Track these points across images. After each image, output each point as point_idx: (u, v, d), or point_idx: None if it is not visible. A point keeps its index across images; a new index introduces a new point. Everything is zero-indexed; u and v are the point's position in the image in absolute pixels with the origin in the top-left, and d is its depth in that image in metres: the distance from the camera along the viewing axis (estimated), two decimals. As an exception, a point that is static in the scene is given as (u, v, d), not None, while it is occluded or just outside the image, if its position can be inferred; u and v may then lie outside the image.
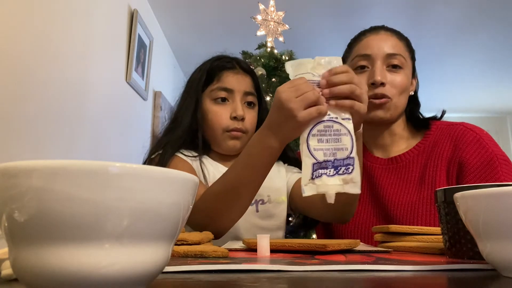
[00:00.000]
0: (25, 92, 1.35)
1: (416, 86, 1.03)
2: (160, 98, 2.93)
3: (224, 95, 0.96)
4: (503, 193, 0.33)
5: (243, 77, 0.98)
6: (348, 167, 0.62)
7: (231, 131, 0.95)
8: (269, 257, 0.52)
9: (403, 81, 0.94)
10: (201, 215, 0.74)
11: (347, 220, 0.89)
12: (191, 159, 0.95)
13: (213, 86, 0.97)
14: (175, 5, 2.74)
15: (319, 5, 2.73)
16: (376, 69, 0.93)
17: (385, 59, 0.94)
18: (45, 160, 0.22)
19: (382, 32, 0.98)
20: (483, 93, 4.50)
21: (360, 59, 0.96)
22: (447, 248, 0.53)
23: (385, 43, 0.95)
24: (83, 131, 1.79)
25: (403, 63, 0.95)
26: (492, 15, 2.87)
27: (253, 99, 0.99)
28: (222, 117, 0.95)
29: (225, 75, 0.97)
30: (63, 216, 0.22)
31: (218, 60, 1.00)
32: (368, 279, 0.34)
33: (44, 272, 0.22)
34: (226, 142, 0.96)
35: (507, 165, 0.88)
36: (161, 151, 0.94)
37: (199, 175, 0.93)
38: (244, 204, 0.76)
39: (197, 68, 1.03)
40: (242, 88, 0.97)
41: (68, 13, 1.64)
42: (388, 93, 0.93)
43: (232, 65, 0.99)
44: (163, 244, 0.26)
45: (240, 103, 0.96)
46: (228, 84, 0.96)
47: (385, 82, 0.93)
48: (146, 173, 0.24)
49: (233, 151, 0.98)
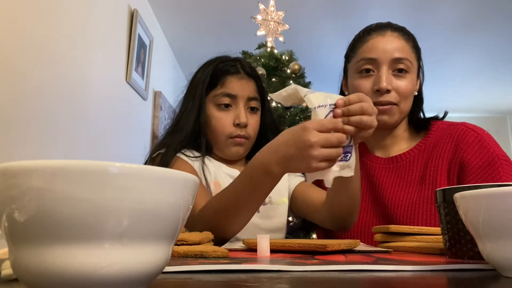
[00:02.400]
0: (25, 92, 1.35)
1: (421, 84, 1.01)
2: (160, 98, 2.93)
3: (228, 101, 0.96)
4: (503, 193, 0.33)
5: (247, 82, 0.98)
6: (347, 154, 0.66)
7: (234, 138, 0.95)
8: (269, 257, 0.52)
9: (409, 86, 0.93)
10: (203, 226, 0.74)
11: (348, 227, 0.88)
12: (193, 159, 0.95)
13: (217, 91, 0.97)
14: (175, 5, 2.74)
15: (319, 5, 2.73)
16: (382, 75, 0.91)
17: (391, 63, 0.92)
18: (45, 160, 0.22)
19: (388, 33, 0.94)
20: (483, 93, 4.50)
21: (365, 63, 0.94)
22: (447, 248, 0.53)
23: (392, 46, 0.92)
24: (83, 131, 1.79)
25: (409, 67, 0.93)
26: (492, 15, 2.87)
27: (256, 104, 0.99)
28: (225, 124, 0.95)
29: (229, 80, 0.97)
30: (63, 216, 0.22)
31: (222, 63, 0.99)
32: (368, 279, 0.34)
33: (44, 272, 0.22)
34: (229, 148, 0.97)
35: (508, 165, 0.88)
36: (162, 151, 0.94)
37: (200, 176, 0.93)
38: (245, 220, 0.76)
39: (200, 68, 1.02)
40: (245, 94, 0.97)
41: (68, 13, 1.64)
42: (393, 100, 0.92)
43: (236, 69, 0.98)
44: (163, 244, 0.26)
45: (243, 109, 0.96)
46: (231, 90, 0.96)
47: (391, 89, 0.91)
48: (146, 173, 0.24)
49: (236, 157, 0.99)
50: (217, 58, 1.02)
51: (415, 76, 0.96)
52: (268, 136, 1.02)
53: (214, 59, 1.02)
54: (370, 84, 0.93)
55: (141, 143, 2.66)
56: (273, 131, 1.03)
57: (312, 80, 2.20)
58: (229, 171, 0.97)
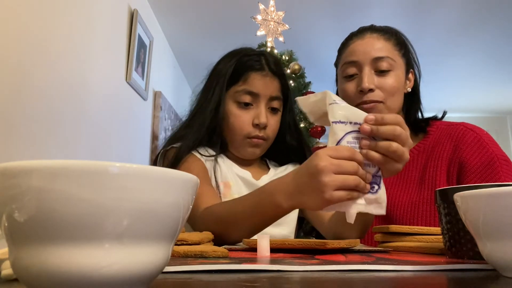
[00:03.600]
0: (25, 92, 1.35)
1: (416, 81, 1.01)
2: (160, 98, 2.93)
3: (249, 99, 0.91)
4: (503, 193, 0.33)
5: (271, 80, 0.93)
6: (373, 186, 0.57)
7: (252, 138, 0.92)
8: (269, 257, 0.52)
9: (394, 83, 0.93)
10: (204, 227, 0.71)
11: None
12: (206, 158, 0.92)
13: (239, 87, 0.92)
14: (175, 5, 2.74)
15: (319, 5, 2.73)
16: (364, 76, 0.92)
17: (372, 63, 0.93)
18: (45, 160, 0.22)
19: (367, 35, 0.96)
20: (483, 93, 4.50)
21: (347, 67, 0.96)
22: (447, 248, 0.53)
23: (372, 47, 0.94)
24: (83, 131, 1.79)
25: (392, 64, 0.94)
26: (492, 15, 2.87)
27: (278, 105, 0.95)
28: (244, 123, 0.91)
29: (252, 76, 0.91)
30: (63, 216, 0.22)
31: (246, 56, 0.93)
32: (368, 279, 0.34)
33: (44, 272, 0.22)
34: (245, 148, 0.94)
35: (507, 165, 0.88)
36: (177, 145, 0.91)
37: (211, 175, 0.91)
38: (246, 236, 0.70)
39: (223, 59, 0.97)
40: (268, 93, 0.92)
41: (68, 13, 1.64)
42: (377, 98, 0.92)
43: (260, 65, 0.92)
44: (163, 244, 0.26)
45: (264, 108, 0.92)
46: (254, 88, 0.91)
47: (374, 88, 0.92)
48: (146, 173, 0.24)
49: (251, 158, 0.96)
50: (241, 50, 0.97)
51: (400, 73, 0.96)
52: (286, 136, 0.99)
53: (238, 51, 0.97)
54: (355, 86, 0.95)
55: (141, 143, 2.66)
56: (292, 132, 1.00)
57: (312, 80, 2.20)
58: (239, 172, 0.95)
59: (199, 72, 1.05)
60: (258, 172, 0.99)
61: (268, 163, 1.04)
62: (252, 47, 1.00)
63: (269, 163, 1.04)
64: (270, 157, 1.05)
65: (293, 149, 1.01)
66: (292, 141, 1.00)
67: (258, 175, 0.97)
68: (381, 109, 0.93)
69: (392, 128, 0.56)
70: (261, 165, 1.03)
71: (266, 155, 1.02)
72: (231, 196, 0.89)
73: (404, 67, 0.97)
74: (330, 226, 0.83)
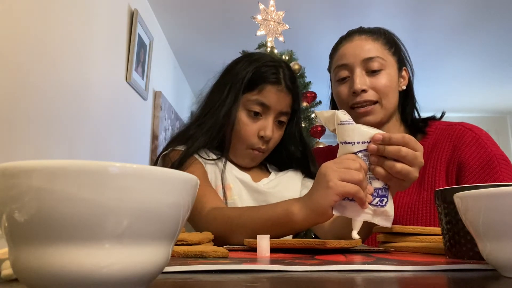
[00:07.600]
0: (25, 92, 1.35)
1: (410, 79, 1.01)
2: (160, 98, 2.93)
3: (259, 109, 0.92)
4: (503, 193, 0.33)
5: (284, 96, 0.93)
6: (383, 199, 0.59)
7: (254, 150, 0.93)
8: (269, 257, 0.52)
9: (386, 82, 0.94)
10: (208, 228, 0.72)
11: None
12: (206, 161, 0.93)
13: (252, 96, 0.92)
14: (175, 5, 2.74)
15: (319, 5, 2.73)
16: (356, 77, 0.93)
17: (363, 64, 0.94)
18: (45, 160, 0.22)
19: (356, 38, 0.97)
20: (483, 93, 4.50)
21: (339, 70, 0.97)
22: (447, 248, 0.53)
23: (361, 49, 0.95)
24: (83, 131, 1.79)
25: (382, 63, 0.94)
26: (492, 15, 2.87)
27: (285, 119, 0.96)
28: (250, 133, 0.92)
29: (268, 89, 0.91)
30: (63, 216, 0.22)
31: (265, 67, 0.93)
32: (368, 279, 0.34)
33: (44, 272, 0.22)
34: (244, 158, 0.95)
35: (506, 165, 0.88)
36: (182, 148, 0.92)
37: (214, 178, 0.92)
38: (247, 237, 0.71)
39: (241, 60, 0.97)
40: (278, 108, 0.93)
41: (68, 13, 1.64)
42: (372, 98, 0.93)
43: (277, 79, 0.92)
44: (163, 244, 0.26)
45: (271, 122, 0.93)
46: (267, 100, 0.91)
47: (366, 89, 0.93)
48: (146, 173, 0.24)
49: (246, 166, 0.98)
50: (261, 58, 0.96)
51: (393, 72, 0.96)
52: (290, 147, 1.00)
53: (257, 57, 0.96)
54: (348, 89, 0.95)
55: (141, 143, 2.66)
56: (296, 143, 1.01)
57: (312, 80, 2.20)
58: (239, 175, 0.95)
59: (199, 72, 1.05)
60: (258, 175, 0.99)
61: (268, 167, 1.05)
62: (271, 55, 1.01)
63: (269, 167, 1.05)
64: (270, 163, 1.06)
65: (296, 160, 1.02)
66: (297, 153, 1.01)
67: (258, 178, 0.98)
68: (377, 110, 0.93)
69: (397, 149, 0.59)
70: (261, 168, 1.04)
71: (266, 160, 1.02)
72: (231, 198, 0.90)
73: (396, 65, 0.98)
74: (330, 228, 0.84)
